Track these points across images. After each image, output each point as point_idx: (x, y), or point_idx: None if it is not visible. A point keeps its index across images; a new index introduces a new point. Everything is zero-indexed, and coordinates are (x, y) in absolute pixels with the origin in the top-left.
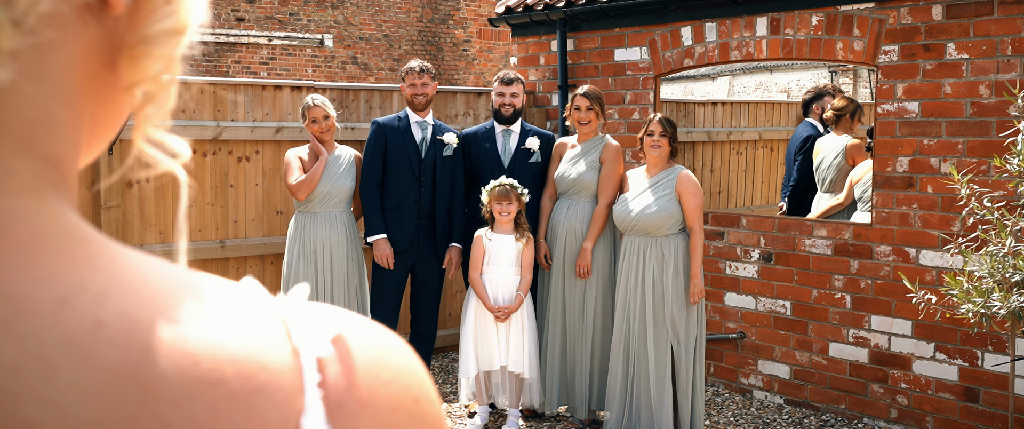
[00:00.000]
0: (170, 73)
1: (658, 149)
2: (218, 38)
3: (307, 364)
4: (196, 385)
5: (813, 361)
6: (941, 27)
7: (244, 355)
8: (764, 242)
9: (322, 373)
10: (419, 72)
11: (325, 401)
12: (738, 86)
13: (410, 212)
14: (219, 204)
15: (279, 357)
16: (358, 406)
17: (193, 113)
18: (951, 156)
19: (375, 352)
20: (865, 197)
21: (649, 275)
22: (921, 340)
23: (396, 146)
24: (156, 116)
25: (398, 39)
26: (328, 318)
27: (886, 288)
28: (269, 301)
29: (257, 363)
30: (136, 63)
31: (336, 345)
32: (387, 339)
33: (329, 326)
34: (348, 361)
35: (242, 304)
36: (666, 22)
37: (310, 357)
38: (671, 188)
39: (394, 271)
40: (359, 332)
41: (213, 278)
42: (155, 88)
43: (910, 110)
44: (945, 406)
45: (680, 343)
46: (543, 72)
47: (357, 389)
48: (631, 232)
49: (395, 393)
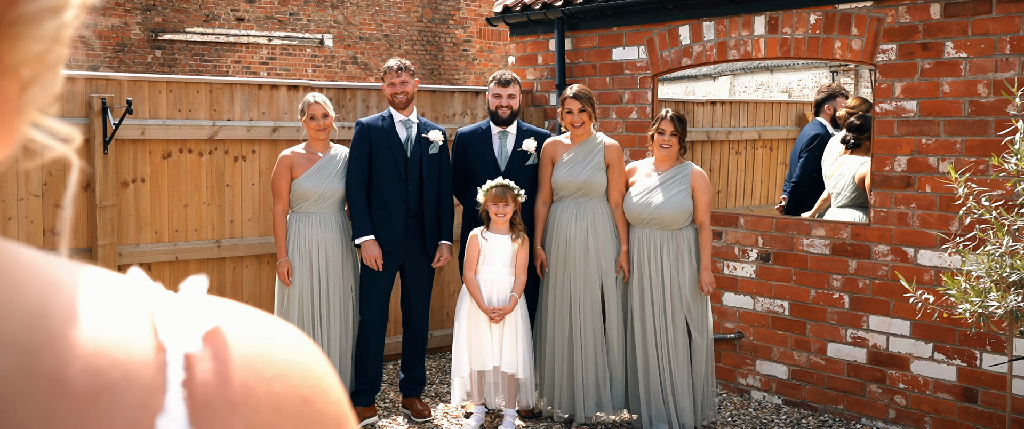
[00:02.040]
0: (54, 54)
1: (668, 149)
2: (218, 38)
3: (173, 361)
4: (31, 383)
5: (811, 361)
6: (939, 26)
7: (94, 350)
8: (762, 242)
9: (189, 370)
10: (397, 70)
11: (188, 400)
12: (739, 86)
13: (398, 212)
14: (215, 203)
15: (138, 352)
16: (228, 405)
17: (189, 112)
18: (949, 155)
19: (257, 348)
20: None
21: (667, 267)
22: (919, 340)
23: (381, 146)
24: (42, 99)
25: (398, 39)
26: (207, 312)
27: (884, 288)
28: (143, 294)
29: (107, 359)
30: (14, 44)
31: (210, 340)
32: (278, 334)
33: (206, 320)
34: (222, 357)
35: (108, 296)
36: (664, 21)
37: (177, 353)
38: (686, 184)
39: (383, 271)
40: (242, 327)
41: (88, 269)
42: (39, 69)
43: (908, 109)
44: (943, 406)
45: (698, 332)
46: (541, 71)
47: (229, 387)
48: (646, 226)
49: (277, 391)
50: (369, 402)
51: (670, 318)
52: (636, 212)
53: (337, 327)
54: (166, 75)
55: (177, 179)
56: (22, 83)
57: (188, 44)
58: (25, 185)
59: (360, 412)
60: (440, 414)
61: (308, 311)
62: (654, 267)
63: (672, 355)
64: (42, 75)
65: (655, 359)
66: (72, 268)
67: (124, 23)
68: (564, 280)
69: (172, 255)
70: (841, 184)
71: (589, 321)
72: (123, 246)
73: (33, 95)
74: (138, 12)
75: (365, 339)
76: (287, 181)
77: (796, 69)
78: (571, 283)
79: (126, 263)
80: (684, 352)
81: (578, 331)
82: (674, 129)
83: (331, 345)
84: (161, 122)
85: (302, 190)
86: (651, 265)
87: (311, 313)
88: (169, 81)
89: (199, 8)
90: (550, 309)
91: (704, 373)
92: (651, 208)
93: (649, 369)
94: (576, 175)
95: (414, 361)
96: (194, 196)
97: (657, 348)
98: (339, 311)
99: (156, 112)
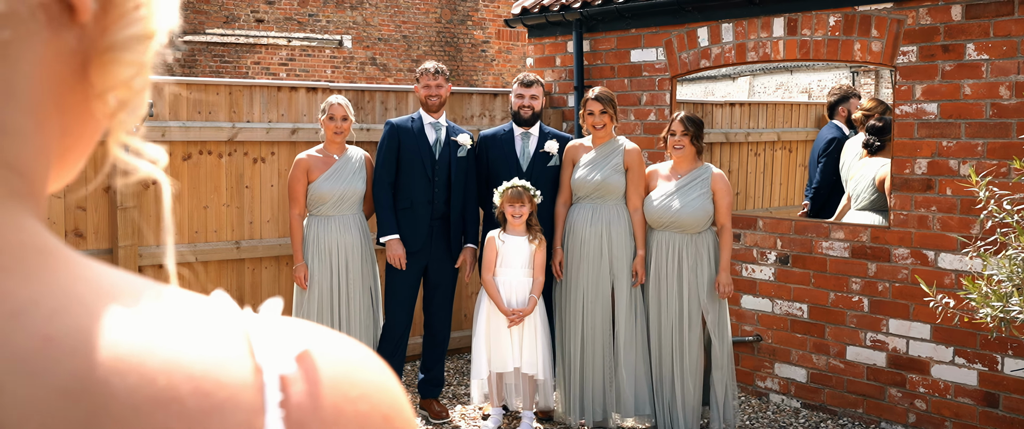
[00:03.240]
0: (141, 78)
1: (681, 150)
2: (238, 39)
3: (269, 382)
4: (148, 403)
5: (830, 364)
6: (960, 27)
7: (202, 372)
8: (781, 244)
9: (285, 391)
10: (433, 73)
11: (286, 421)
12: (758, 87)
13: (423, 213)
14: (234, 205)
15: (239, 374)
16: (321, 425)
17: (209, 114)
18: (970, 158)
19: (343, 368)
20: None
21: (686, 271)
22: (940, 344)
23: (409, 147)
24: (130, 122)
25: (417, 40)
26: (295, 334)
27: (904, 291)
28: (234, 316)
29: (215, 381)
30: (106, 70)
31: (301, 362)
32: (357, 355)
33: (295, 342)
34: (313, 378)
35: (204, 319)
36: (682, 23)
37: (273, 375)
38: (706, 186)
39: (407, 272)
40: (327, 348)
41: (177, 291)
42: (127, 94)
43: (929, 111)
44: (964, 411)
45: (717, 337)
46: (559, 73)
47: (321, 408)
48: (666, 228)
49: (363, 411)
50: None
51: (687, 322)
52: (656, 215)
53: (358, 329)
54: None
55: (197, 181)
56: (110, 107)
57: (208, 45)
58: None
59: None
60: (458, 416)
61: (327, 314)
62: (672, 270)
63: (685, 360)
64: (130, 100)
65: (668, 364)
66: (162, 290)
67: None
68: (577, 282)
69: (192, 256)
70: (861, 186)
71: (598, 324)
72: (144, 247)
73: (122, 119)
74: None
75: (389, 340)
76: (303, 185)
77: (816, 70)
78: (584, 285)
79: (146, 264)
80: (697, 357)
81: (588, 333)
82: (685, 130)
83: None
84: (181, 124)
85: (320, 193)
86: (669, 268)
87: (331, 316)
88: (189, 83)
89: (219, 9)
90: (562, 310)
91: (724, 379)
92: (671, 211)
93: (662, 373)
94: (593, 176)
95: (433, 363)
96: (214, 198)
97: (671, 353)
98: (360, 312)
99: (176, 114)
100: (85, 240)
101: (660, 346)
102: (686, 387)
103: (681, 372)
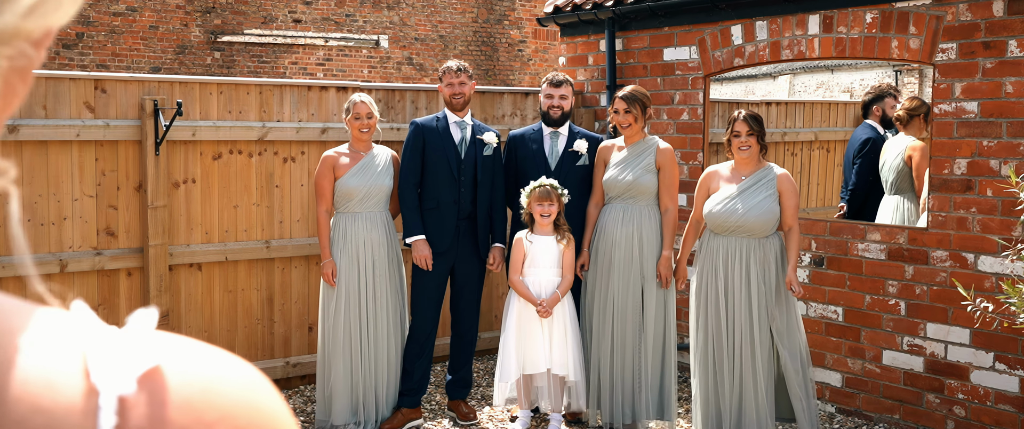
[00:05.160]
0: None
1: (747, 150)
2: (275, 40)
3: (105, 405)
4: None
5: (866, 369)
6: (1002, 23)
7: (15, 397)
8: (816, 246)
9: (122, 415)
10: (457, 71)
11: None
12: (798, 85)
13: (449, 213)
14: (264, 204)
15: (64, 397)
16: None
17: (239, 114)
18: (1012, 158)
19: (199, 387)
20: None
21: (754, 277)
22: (979, 349)
23: (435, 147)
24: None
25: (453, 40)
26: (146, 349)
27: (942, 295)
28: (77, 331)
29: (31, 406)
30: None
31: (147, 381)
32: (221, 370)
33: (143, 359)
34: (159, 400)
35: (39, 336)
36: (716, 21)
37: (110, 396)
38: (772, 188)
39: (434, 272)
40: (183, 364)
41: (20, 305)
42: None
43: (969, 110)
44: (1005, 419)
45: (785, 345)
46: (591, 72)
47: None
48: (732, 233)
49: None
50: (415, 404)
51: (758, 334)
52: (720, 219)
53: (385, 326)
54: (217, 77)
55: (227, 180)
56: None
57: (246, 46)
58: (80, 185)
59: (406, 414)
60: (486, 417)
61: (354, 311)
62: (740, 277)
63: (757, 374)
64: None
65: (738, 374)
66: (18, 308)
67: (184, 25)
68: (607, 283)
69: (222, 255)
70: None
71: (629, 327)
72: (174, 246)
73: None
74: (198, 14)
75: (416, 341)
76: (330, 181)
77: (858, 69)
78: (615, 287)
79: (177, 263)
80: (770, 370)
81: (618, 336)
82: (750, 129)
83: (379, 345)
84: (211, 123)
85: (347, 189)
86: (737, 276)
87: (359, 313)
88: (219, 82)
89: (257, 10)
90: (593, 312)
91: (805, 385)
92: (737, 215)
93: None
94: (625, 176)
95: (461, 363)
96: (244, 197)
97: (739, 366)
98: (387, 309)
99: (207, 113)
100: (116, 239)
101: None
102: (760, 402)
103: (755, 386)
